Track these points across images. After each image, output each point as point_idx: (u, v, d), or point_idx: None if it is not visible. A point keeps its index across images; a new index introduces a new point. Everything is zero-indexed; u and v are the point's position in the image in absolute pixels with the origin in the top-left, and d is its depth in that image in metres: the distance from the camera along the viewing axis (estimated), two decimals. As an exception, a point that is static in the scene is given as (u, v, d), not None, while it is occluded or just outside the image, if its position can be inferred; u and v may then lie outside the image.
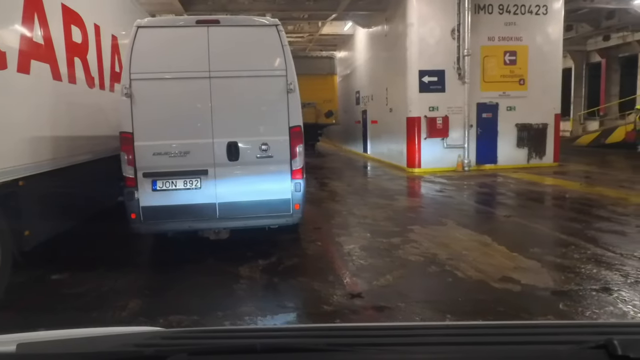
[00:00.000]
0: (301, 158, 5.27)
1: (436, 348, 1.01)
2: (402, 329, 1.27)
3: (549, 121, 13.95)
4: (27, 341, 1.04)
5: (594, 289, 4.19)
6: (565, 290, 4.20)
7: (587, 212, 7.68)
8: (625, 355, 0.84)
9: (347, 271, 4.92)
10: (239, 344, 1.05)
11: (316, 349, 0.96)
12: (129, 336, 1.13)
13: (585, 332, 1.10)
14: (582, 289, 4.21)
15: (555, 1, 13.72)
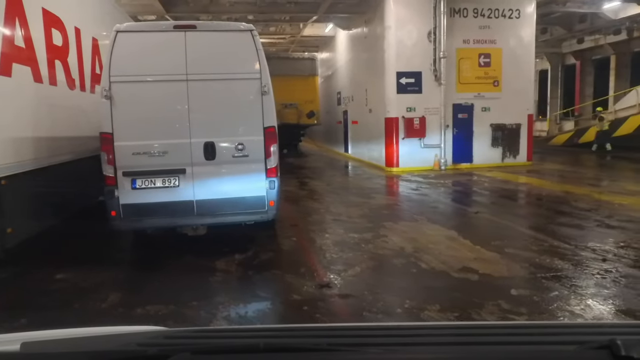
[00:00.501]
0: (275, 157, 5.51)
1: (438, 348, 1.01)
2: (403, 328, 1.28)
3: (522, 121, 14.42)
4: (31, 340, 1.04)
5: (545, 276, 4.53)
6: (516, 278, 4.53)
7: (551, 208, 8.07)
8: (629, 355, 0.84)
9: (318, 264, 5.20)
10: (241, 343, 1.05)
11: (318, 349, 0.96)
12: (133, 335, 1.14)
13: (588, 333, 1.10)
14: (533, 277, 4.55)
15: (528, 5, 14.18)
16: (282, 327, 2.06)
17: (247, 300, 4.25)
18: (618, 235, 6.04)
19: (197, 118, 5.30)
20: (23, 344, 1.01)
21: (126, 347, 0.99)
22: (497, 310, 3.73)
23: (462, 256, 5.24)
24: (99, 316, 3.95)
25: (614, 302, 3.93)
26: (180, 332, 1.22)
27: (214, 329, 1.26)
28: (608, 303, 3.90)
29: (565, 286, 4.25)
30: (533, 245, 5.68)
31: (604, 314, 3.67)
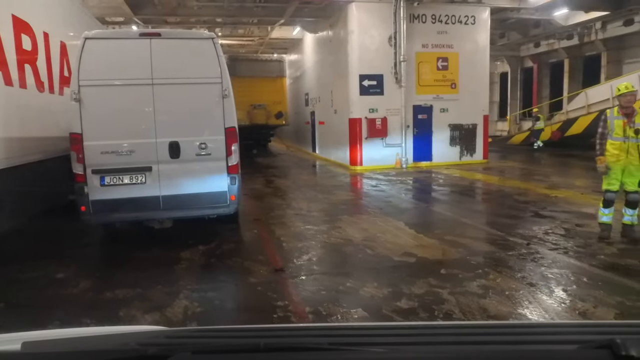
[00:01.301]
0: (236, 155, 5.97)
1: (438, 347, 1.00)
2: (404, 328, 1.28)
3: (479, 122, 15.25)
4: (32, 340, 1.05)
5: (474, 259, 5.15)
6: (449, 260, 5.14)
7: (495, 202, 8.79)
8: (629, 355, 0.83)
9: (275, 252, 5.70)
10: (242, 342, 1.05)
11: (319, 348, 0.96)
12: (133, 335, 1.15)
13: (589, 332, 1.09)
14: (463, 259, 5.17)
15: (482, 12, 15.01)
16: (283, 326, 2.12)
17: (208, 283, 4.72)
18: (547, 223, 6.74)
19: (162, 119, 5.72)
20: (24, 344, 1.01)
21: (126, 347, 1.00)
22: (425, 285, 4.31)
23: (405, 243, 5.83)
24: (70, 300, 4.35)
25: (524, 276, 4.57)
26: (180, 332, 1.22)
27: (214, 328, 1.17)
28: (519, 277, 4.54)
29: (489, 265, 4.88)
30: (470, 233, 6.33)
31: (512, 286, 4.29)
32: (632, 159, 5.58)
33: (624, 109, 5.59)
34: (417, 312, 3.77)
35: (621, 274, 4.61)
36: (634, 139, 5.54)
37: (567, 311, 3.77)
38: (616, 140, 5.65)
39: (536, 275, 4.61)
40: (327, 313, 3.83)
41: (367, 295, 4.17)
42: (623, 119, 5.60)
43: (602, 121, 5.86)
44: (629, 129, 5.55)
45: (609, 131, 5.72)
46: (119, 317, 3.86)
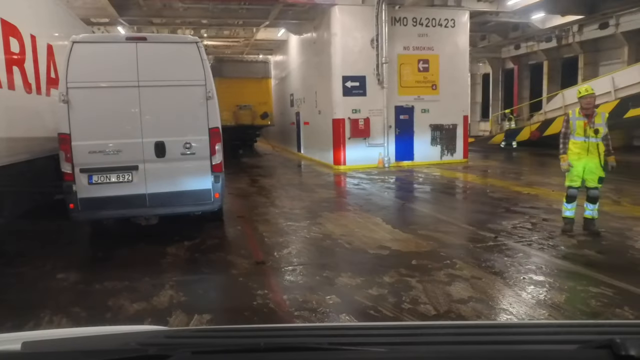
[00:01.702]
0: (220, 154, 6.23)
1: (438, 347, 1.00)
2: (404, 328, 1.29)
3: (459, 122, 15.66)
4: (32, 339, 1.05)
5: (443, 251, 5.49)
6: (420, 252, 5.47)
7: (470, 199, 9.17)
8: (629, 354, 0.84)
9: (257, 247, 5.98)
10: (242, 342, 1.05)
11: (319, 348, 0.96)
12: (133, 335, 1.15)
13: (589, 332, 1.09)
14: (434, 251, 5.50)
15: (462, 16, 15.43)
16: (283, 326, 2.13)
17: (192, 274, 4.99)
18: (516, 218, 7.12)
19: (148, 120, 5.96)
20: (24, 344, 1.01)
21: (126, 347, 0.99)
22: (396, 275, 4.63)
23: (381, 238, 6.15)
24: (60, 291, 4.58)
25: (488, 265, 4.91)
26: (180, 332, 1.23)
27: (215, 328, 1.20)
28: (483, 266, 4.88)
29: (457, 256, 5.21)
30: (444, 228, 6.67)
31: (476, 275, 4.63)
32: (592, 157, 5.96)
33: (585, 110, 5.97)
34: (386, 298, 4.08)
35: (577, 263, 4.99)
36: (594, 138, 5.92)
37: (519, 294, 4.11)
38: (578, 140, 6.03)
39: (499, 264, 4.96)
40: (303, 300, 4.12)
41: (342, 283, 4.48)
42: (584, 119, 5.98)
43: (565, 122, 6.24)
44: (589, 129, 5.93)
45: (571, 131, 6.10)
46: (107, 306, 4.10)
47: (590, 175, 6.02)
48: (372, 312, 3.80)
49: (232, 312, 4.03)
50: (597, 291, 4.14)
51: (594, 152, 5.94)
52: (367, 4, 14.27)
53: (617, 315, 3.65)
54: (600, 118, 5.97)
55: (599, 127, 5.92)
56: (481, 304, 3.88)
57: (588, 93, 5.94)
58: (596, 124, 5.93)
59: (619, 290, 4.13)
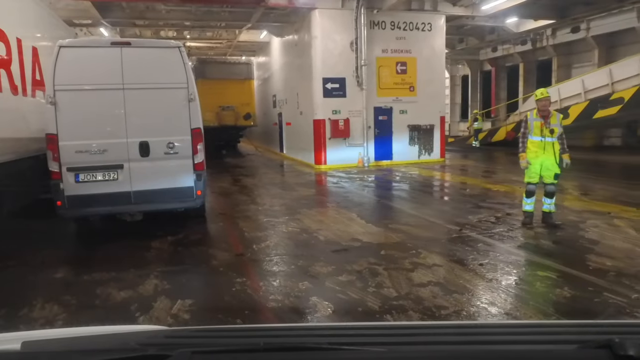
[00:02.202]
0: (202, 153, 6.56)
1: (438, 347, 1.01)
2: (404, 328, 1.30)
3: (436, 122, 16.17)
4: (32, 339, 1.05)
5: (411, 242, 5.91)
6: (389, 243, 5.88)
7: (442, 195, 9.64)
8: (629, 354, 0.84)
9: (238, 241, 6.33)
10: (242, 342, 1.06)
11: (319, 348, 0.97)
12: (133, 335, 1.15)
13: (588, 332, 1.10)
14: (402, 242, 5.92)
15: (438, 20, 15.94)
16: (283, 326, 2.15)
17: (176, 266, 5.31)
18: (482, 213, 7.58)
19: (133, 121, 6.26)
20: (23, 343, 1.02)
21: (126, 347, 0.99)
22: (365, 263, 5.03)
23: (354, 231, 6.55)
24: (50, 284, 4.87)
25: (450, 254, 5.35)
26: (180, 332, 1.23)
27: (214, 328, 1.25)
28: (445, 255, 5.32)
29: (422, 247, 5.63)
30: (414, 222, 7.10)
31: (437, 262, 5.06)
32: (548, 155, 6.44)
33: (541, 111, 6.46)
34: (354, 283, 4.47)
35: (531, 251, 5.45)
36: (550, 137, 6.41)
37: (474, 279, 4.54)
38: (535, 139, 6.51)
39: (460, 253, 5.39)
40: (278, 285, 4.50)
41: (314, 272, 4.86)
42: (541, 120, 6.46)
43: (524, 122, 6.72)
44: (546, 129, 6.41)
45: (529, 131, 6.58)
46: (95, 294, 4.42)
47: (547, 172, 6.49)
48: (340, 296, 4.19)
49: (213, 296, 4.39)
50: (543, 274, 4.60)
51: (550, 150, 6.43)
52: (347, 8, 14.67)
53: (557, 295, 4.10)
54: (555, 119, 6.46)
55: (554, 127, 6.40)
56: (438, 287, 4.30)
57: (544, 96, 6.43)
58: (552, 124, 6.42)
59: (563, 273, 4.60)
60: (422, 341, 1.04)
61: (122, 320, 3.65)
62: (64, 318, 3.90)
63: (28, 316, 3.97)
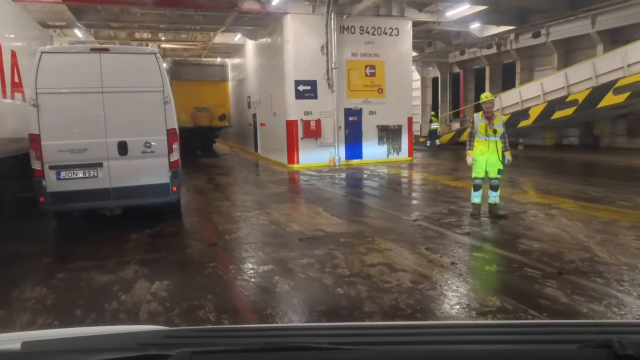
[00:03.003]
0: (177, 152, 7.06)
1: (439, 347, 1.01)
2: (404, 327, 1.29)
3: (403, 123, 16.93)
4: (31, 339, 1.06)
5: (368, 231, 6.54)
6: (349, 232, 6.51)
7: (404, 191, 10.33)
8: (629, 354, 0.85)
9: (211, 232, 6.86)
10: (242, 342, 1.06)
11: (319, 347, 0.97)
12: (133, 335, 1.15)
13: (589, 332, 1.10)
14: (361, 231, 6.55)
15: (405, 25, 16.69)
16: (283, 326, 2.12)
17: (153, 254, 5.82)
18: (437, 206, 8.28)
19: (112, 122, 6.72)
20: (23, 343, 1.02)
21: (126, 347, 1.00)
22: (325, 249, 5.63)
23: (319, 223, 7.15)
24: (36, 271, 5.31)
25: (401, 241, 6.00)
26: (180, 332, 1.23)
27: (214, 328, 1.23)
28: (397, 241, 5.96)
29: (378, 235, 6.27)
30: (374, 215, 7.75)
31: (389, 247, 5.70)
32: (492, 153, 7.16)
33: (486, 113, 7.17)
34: (313, 265, 5.07)
35: (473, 237, 6.15)
36: (493, 137, 7.13)
37: (418, 259, 5.20)
38: (481, 139, 7.22)
39: (410, 240, 6.06)
40: (246, 268, 5.07)
41: (279, 257, 5.44)
42: (485, 121, 7.18)
43: (471, 123, 7.44)
44: (490, 129, 7.13)
45: (475, 131, 7.29)
46: (80, 279, 4.89)
47: (492, 167, 7.21)
48: (300, 275, 4.78)
49: (187, 278, 4.92)
50: (478, 255, 5.30)
51: (493, 148, 7.15)
52: (317, 13, 15.28)
53: (485, 270, 4.77)
54: (498, 120, 7.20)
55: (497, 128, 7.13)
56: (386, 267, 4.93)
57: (488, 99, 7.16)
58: (495, 124, 7.14)
59: (495, 254, 5.30)
60: (421, 341, 1.04)
61: (106, 298, 4.20)
62: (53, 298, 4.38)
63: (20, 297, 4.43)
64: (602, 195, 8.77)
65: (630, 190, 9.11)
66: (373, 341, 1.03)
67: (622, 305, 3.80)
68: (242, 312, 3.98)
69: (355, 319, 3.69)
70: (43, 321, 3.84)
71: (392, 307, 3.88)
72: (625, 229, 6.25)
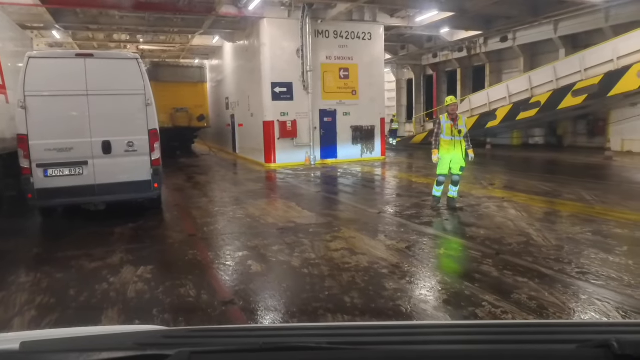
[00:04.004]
0: (158, 151, 7.56)
1: (437, 346, 1.01)
2: (403, 327, 1.31)
3: (376, 123, 17.64)
4: (30, 339, 1.06)
5: (335, 222, 7.17)
6: (318, 223, 7.12)
7: (373, 187, 11.00)
8: (627, 354, 0.85)
9: (190, 225, 7.39)
10: (241, 342, 1.06)
11: (318, 347, 0.97)
12: (131, 335, 1.15)
13: (588, 332, 1.10)
14: (328, 222, 7.17)
15: (377, 29, 17.40)
16: (282, 326, 2.15)
17: (137, 244, 6.32)
18: (401, 200, 8.96)
19: (96, 123, 7.19)
20: (22, 344, 1.02)
21: (125, 347, 1.00)
22: (294, 237, 6.23)
23: (291, 216, 7.75)
24: (27, 260, 5.77)
25: (364, 230, 6.64)
26: (179, 332, 1.23)
27: (213, 328, 1.30)
28: (360, 230, 6.59)
29: (344, 226, 6.90)
30: (342, 208, 8.39)
31: (352, 235, 6.33)
32: (457, 151, 7.73)
33: (451, 115, 7.79)
34: (283, 250, 5.66)
35: (428, 226, 6.83)
36: (458, 136, 7.72)
37: (377, 245, 5.84)
38: (446, 138, 7.81)
39: (372, 228, 6.71)
40: (222, 255, 5.64)
41: (253, 245, 6.02)
42: (451, 122, 7.77)
43: (437, 124, 8.01)
44: (454, 129, 7.73)
45: (441, 131, 7.86)
46: (70, 266, 5.37)
47: (455, 165, 7.79)
48: (272, 259, 5.38)
49: (169, 263, 5.46)
50: (430, 241, 5.96)
51: (458, 147, 7.74)
52: (293, 18, 15.87)
53: (434, 253, 5.43)
54: (462, 121, 7.81)
55: (462, 128, 7.73)
56: (348, 251, 5.56)
57: (452, 102, 7.81)
58: (459, 125, 7.74)
59: (446, 240, 5.99)
60: (419, 341, 1.05)
61: (96, 280, 4.71)
62: (48, 281, 4.86)
63: (16, 282, 4.91)
64: (553, 189, 9.59)
65: (577, 185, 9.95)
66: (372, 341, 1.04)
67: (543, 277, 4.49)
68: (219, 289, 4.54)
69: (317, 293, 4.29)
70: (41, 300, 4.33)
71: (349, 283, 4.50)
72: (564, 218, 7.03)
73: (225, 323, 3.67)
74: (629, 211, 7.35)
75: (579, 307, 3.82)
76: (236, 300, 4.15)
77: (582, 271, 4.66)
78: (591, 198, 8.48)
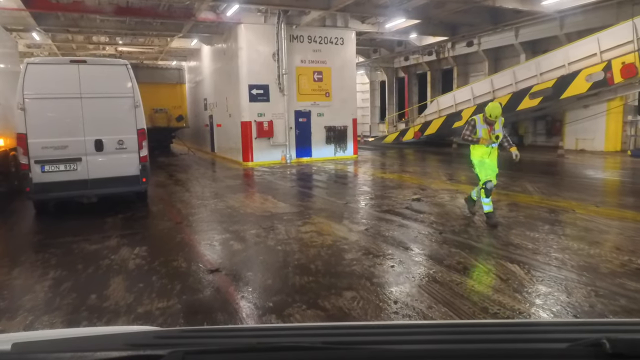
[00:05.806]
0: (145, 149, 8.35)
1: (431, 346, 1.02)
2: (398, 327, 1.31)
3: (349, 124, 18.62)
4: (22, 340, 1.05)
5: (307, 212, 8.08)
6: (292, 212, 8.02)
7: (343, 183, 11.95)
8: (620, 353, 0.86)
9: (176, 215, 8.20)
10: (235, 342, 1.06)
11: (312, 347, 0.97)
12: (125, 336, 1.15)
13: (580, 331, 1.10)
14: (302, 212, 8.07)
15: (349, 34, 18.39)
16: (277, 326, 2.18)
17: (127, 230, 7.11)
18: (367, 192, 9.92)
19: (89, 123, 7.93)
20: (14, 345, 1.02)
21: (118, 347, 1.00)
22: (270, 224, 7.11)
23: (267, 207, 8.63)
24: (31, 244, 6.50)
25: (333, 217, 7.56)
26: (172, 332, 1.23)
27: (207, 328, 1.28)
28: (329, 217, 7.51)
29: (314, 214, 7.82)
30: (314, 200, 9.30)
31: (321, 221, 7.25)
32: (492, 159, 6.82)
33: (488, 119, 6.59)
34: (260, 234, 6.54)
35: (386, 212, 7.79)
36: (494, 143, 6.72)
37: (341, 228, 6.78)
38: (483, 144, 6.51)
39: (339, 215, 7.65)
40: (207, 237, 6.50)
41: (233, 229, 6.88)
42: (487, 127, 6.68)
43: (468, 125, 6.84)
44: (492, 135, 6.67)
45: (475, 135, 6.74)
46: (72, 249, 6.13)
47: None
48: (250, 239, 6.26)
49: (161, 245, 6.28)
50: (386, 224, 6.93)
51: (493, 154, 6.84)
52: (269, 23, 16.73)
53: (388, 232, 6.40)
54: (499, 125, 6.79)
55: (499, 133, 6.81)
56: (315, 233, 6.48)
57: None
58: (496, 130, 6.78)
59: (400, 223, 6.95)
60: (415, 340, 1.05)
61: (99, 257, 5.52)
62: (56, 260, 5.62)
63: (27, 261, 5.66)
64: (504, 183, 10.68)
65: (526, 179, 11.10)
66: (367, 341, 1.04)
67: (472, 248, 5.50)
68: (206, 262, 5.39)
69: (288, 263, 5.19)
70: (54, 273, 5.10)
71: (315, 255, 5.42)
72: (505, 205, 8.10)
73: (214, 290, 4.52)
74: (561, 199, 8.49)
75: (495, 269, 4.83)
76: (221, 269, 5.03)
77: (506, 243, 5.70)
78: (533, 189, 9.61)
